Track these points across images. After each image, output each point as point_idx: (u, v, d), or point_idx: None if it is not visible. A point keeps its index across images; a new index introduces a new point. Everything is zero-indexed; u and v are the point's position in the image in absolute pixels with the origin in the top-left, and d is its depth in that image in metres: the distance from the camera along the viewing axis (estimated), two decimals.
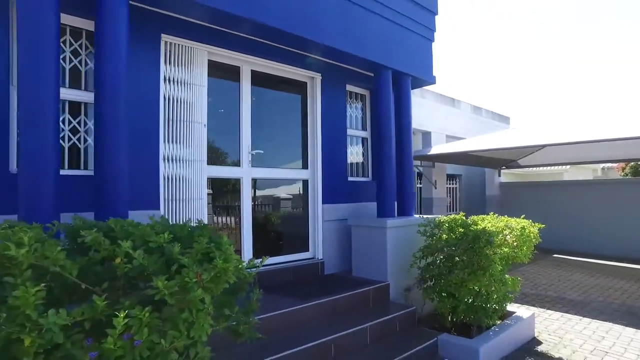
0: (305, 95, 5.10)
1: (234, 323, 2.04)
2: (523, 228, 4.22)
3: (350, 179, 5.48)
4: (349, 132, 5.56)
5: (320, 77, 5.09)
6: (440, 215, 4.73)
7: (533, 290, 6.29)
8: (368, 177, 5.86)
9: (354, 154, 5.74)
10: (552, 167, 14.33)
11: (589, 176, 18.25)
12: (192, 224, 2.24)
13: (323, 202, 5.02)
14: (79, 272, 1.67)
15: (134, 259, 1.70)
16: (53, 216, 2.57)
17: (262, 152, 4.57)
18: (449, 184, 11.46)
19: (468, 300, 4.05)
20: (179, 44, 3.88)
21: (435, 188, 9.54)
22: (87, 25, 3.43)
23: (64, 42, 3.35)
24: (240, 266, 1.91)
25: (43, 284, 1.42)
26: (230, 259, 1.84)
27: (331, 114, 5.21)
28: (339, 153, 5.30)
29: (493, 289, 4.01)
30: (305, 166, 5.05)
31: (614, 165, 19.35)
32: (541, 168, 13.90)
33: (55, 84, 2.67)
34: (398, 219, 4.79)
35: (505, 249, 3.97)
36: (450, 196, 11.57)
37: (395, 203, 5.17)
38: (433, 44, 5.64)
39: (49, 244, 1.56)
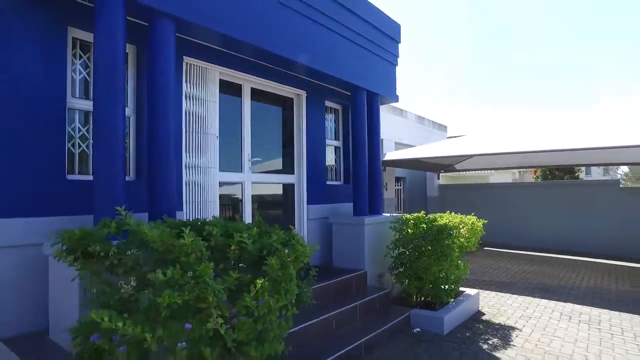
0: (292, 110, 5.87)
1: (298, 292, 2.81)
2: (472, 223, 5.40)
3: (328, 182, 6.35)
4: (327, 142, 6.42)
5: (305, 94, 5.89)
6: (405, 214, 5.77)
7: (472, 277, 7.64)
8: (340, 181, 6.78)
9: (329, 161, 6.61)
10: (481, 171, 16.40)
11: (509, 179, 20.94)
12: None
13: (308, 203, 5.83)
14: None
15: (245, 247, 2.42)
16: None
17: (260, 160, 5.28)
18: (395, 186, 12.79)
19: (432, 281, 5.12)
20: (197, 65, 4.47)
21: (386, 190, 10.74)
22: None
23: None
24: (307, 250, 2.69)
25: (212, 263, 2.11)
26: (304, 245, 2.62)
27: (313, 125, 6.03)
28: (320, 160, 6.15)
29: (451, 272, 5.12)
30: (292, 172, 5.82)
31: (529, 169, 22.31)
32: (472, 172, 15.88)
33: (122, 106, 3.20)
34: (373, 217, 5.75)
35: (462, 240, 5.11)
36: (396, 197, 12.90)
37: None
38: (397, 68, 6.70)
39: (196, 236, 2.23)
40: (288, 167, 5.81)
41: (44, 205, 3.29)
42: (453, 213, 5.68)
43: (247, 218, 5.11)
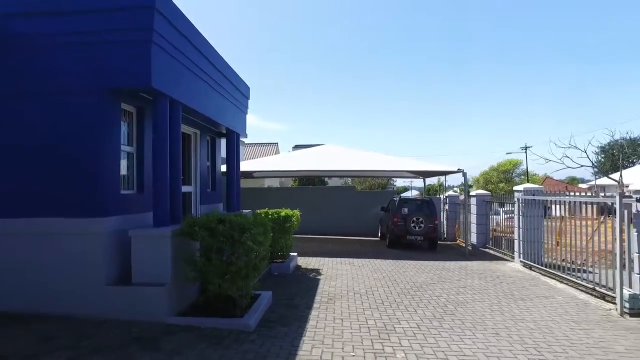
0: (190, 143, 9.22)
1: None
2: (298, 215, 10.22)
3: (208, 190, 9.93)
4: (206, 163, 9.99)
5: (199, 132, 9.35)
6: (257, 210, 10.02)
7: None
8: (209, 188, 10.40)
9: (206, 175, 10.17)
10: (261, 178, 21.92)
11: (277, 183, 27.50)
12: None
13: (200, 204, 9.32)
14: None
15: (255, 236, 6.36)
16: (176, 220, 6.32)
17: (182, 177, 8.50)
18: None
19: (279, 248, 9.61)
20: None
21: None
22: (131, 109, 6.77)
23: (127, 117, 6.64)
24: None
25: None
26: (267, 224, 6.73)
27: (201, 153, 9.53)
28: (205, 176, 9.68)
29: (288, 243, 9.77)
30: (190, 184, 9.18)
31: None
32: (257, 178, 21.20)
33: (167, 152, 6.32)
34: (241, 211, 9.75)
35: (295, 224, 9.84)
36: None
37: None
38: (247, 115, 10.86)
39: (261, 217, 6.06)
40: (188, 181, 9.15)
41: (115, 209, 6.03)
42: (286, 208, 10.32)
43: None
